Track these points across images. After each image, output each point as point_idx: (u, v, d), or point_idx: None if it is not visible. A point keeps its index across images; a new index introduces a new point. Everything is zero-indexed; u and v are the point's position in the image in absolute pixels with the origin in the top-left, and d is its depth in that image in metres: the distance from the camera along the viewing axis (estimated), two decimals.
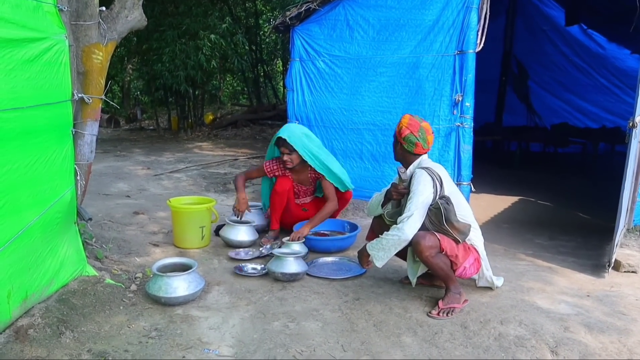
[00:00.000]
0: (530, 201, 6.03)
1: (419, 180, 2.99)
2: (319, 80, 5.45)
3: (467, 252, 3.02)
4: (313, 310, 3.02)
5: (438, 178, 3.01)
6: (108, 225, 4.64)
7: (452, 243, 2.95)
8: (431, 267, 2.98)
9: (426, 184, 2.97)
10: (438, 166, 3.15)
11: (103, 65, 3.26)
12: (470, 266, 3.03)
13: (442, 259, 2.93)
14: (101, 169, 7.82)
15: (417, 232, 2.94)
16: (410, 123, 3.11)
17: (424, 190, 2.96)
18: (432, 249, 2.89)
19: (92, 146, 3.34)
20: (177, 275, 3.08)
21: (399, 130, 3.12)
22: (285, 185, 4.24)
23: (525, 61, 10.20)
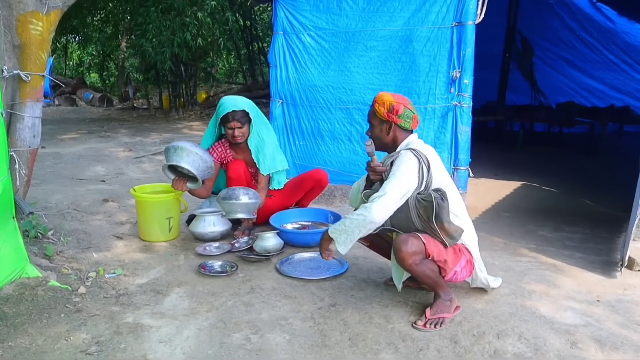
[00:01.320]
0: (533, 187, 5.61)
1: (401, 160, 2.58)
2: (304, 56, 5.00)
3: (458, 255, 2.61)
4: (281, 319, 2.64)
5: (425, 161, 2.59)
6: (72, 215, 4.25)
7: (440, 246, 2.54)
8: (416, 276, 2.59)
9: (410, 166, 2.56)
10: (428, 148, 2.73)
11: (44, 38, 2.83)
12: (462, 269, 2.63)
13: (428, 266, 2.53)
14: (80, 151, 7.43)
15: (398, 237, 2.53)
16: (397, 98, 2.71)
17: (406, 173, 2.54)
18: (416, 255, 2.48)
19: (34, 130, 2.93)
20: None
21: (389, 108, 2.67)
22: (239, 168, 3.85)
23: (530, 37, 9.66)
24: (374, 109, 2.74)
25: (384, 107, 2.69)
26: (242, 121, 3.78)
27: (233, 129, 3.78)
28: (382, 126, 2.75)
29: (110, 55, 18.40)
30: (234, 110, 3.75)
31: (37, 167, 6.11)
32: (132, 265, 3.29)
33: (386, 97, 2.71)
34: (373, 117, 2.77)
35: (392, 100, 2.69)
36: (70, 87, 16.49)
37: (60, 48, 20.62)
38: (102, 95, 15.52)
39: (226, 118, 3.77)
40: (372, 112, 2.77)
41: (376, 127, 2.78)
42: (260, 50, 16.20)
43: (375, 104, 2.73)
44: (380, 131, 2.76)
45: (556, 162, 7.03)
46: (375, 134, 2.79)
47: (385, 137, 2.76)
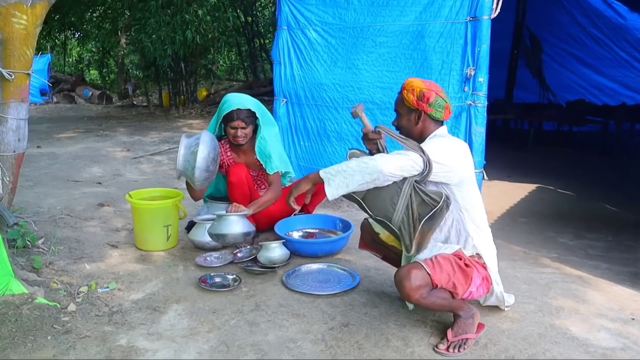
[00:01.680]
0: (548, 189, 5.37)
1: (436, 139, 2.40)
2: (309, 52, 4.75)
3: (468, 275, 2.33)
4: (289, 342, 2.41)
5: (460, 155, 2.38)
6: (65, 221, 4.02)
7: (446, 270, 2.27)
8: (428, 308, 2.37)
9: (445, 146, 2.35)
10: (460, 142, 2.50)
11: (29, 32, 2.59)
12: (477, 288, 2.37)
13: (438, 295, 2.28)
14: (77, 151, 7.18)
15: (399, 271, 2.28)
16: (428, 85, 2.45)
17: (437, 149, 2.31)
18: (422, 288, 2.22)
19: (19, 133, 2.69)
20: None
21: (419, 96, 2.40)
22: (240, 172, 3.56)
23: (539, 33, 9.41)
24: (402, 96, 2.48)
25: (413, 94, 2.42)
26: (247, 121, 3.50)
27: (236, 128, 3.49)
28: (410, 115, 2.47)
29: (110, 52, 18.12)
30: (239, 109, 3.46)
31: (32, 169, 5.90)
32: (127, 278, 3.05)
33: (416, 83, 2.45)
34: (400, 105, 2.51)
35: (422, 87, 2.43)
36: (69, 84, 16.25)
37: (59, 45, 20.38)
38: (102, 93, 15.29)
39: (230, 116, 3.48)
40: (400, 99, 2.51)
41: (404, 117, 2.50)
42: (262, 47, 15.96)
43: (404, 90, 2.47)
44: (408, 121, 2.49)
45: (569, 163, 6.80)
46: (402, 125, 2.52)
47: (413, 127, 2.49)
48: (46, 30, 15.83)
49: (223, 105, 3.53)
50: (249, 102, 3.55)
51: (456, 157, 2.35)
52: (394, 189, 2.27)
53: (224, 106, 3.51)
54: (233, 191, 3.54)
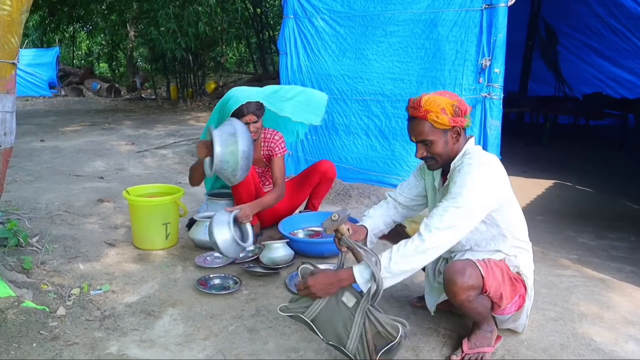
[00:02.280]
0: (566, 186, 5.15)
1: (474, 175, 1.98)
2: (317, 42, 4.57)
3: (515, 289, 2.14)
4: (291, 351, 2.24)
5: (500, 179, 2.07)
6: (62, 217, 3.87)
7: (497, 277, 2.06)
8: (465, 312, 2.13)
9: (485, 184, 1.99)
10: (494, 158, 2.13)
11: (13, 19, 2.42)
12: (512, 305, 2.18)
13: (482, 302, 2.08)
14: (81, 144, 7.05)
15: (452, 265, 2.06)
16: (452, 97, 2.08)
17: (482, 186, 1.98)
18: (472, 290, 2.01)
19: (5, 126, 2.52)
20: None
21: (453, 112, 2.04)
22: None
23: (555, 24, 9.15)
24: (430, 122, 2.05)
25: (446, 114, 2.02)
26: (258, 114, 3.28)
27: (248, 123, 3.25)
28: (446, 137, 2.08)
29: (119, 44, 18.03)
30: (249, 103, 3.23)
31: (34, 163, 5.77)
32: (122, 279, 2.90)
33: (439, 99, 2.04)
34: (431, 132, 2.07)
35: (452, 101, 2.05)
36: (78, 77, 16.18)
37: (68, 37, 20.32)
38: (110, 86, 15.19)
39: (240, 112, 3.22)
40: (428, 126, 2.06)
41: (438, 142, 2.08)
42: (271, 39, 15.77)
43: (430, 114, 2.03)
44: (445, 144, 2.09)
45: (587, 158, 6.55)
46: (439, 152, 2.10)
47: (452, 148, 2.11)
48: (55, 23, 15.78)
49: (229, 100, 3.30)
50: (255, 93, 3.35)
51: (493, 189, 2.02)
52: (347, 315, 1.94)
53: (231, 101, 3.27)
54: (238, 190, 3.36)
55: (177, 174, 5.62)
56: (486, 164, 2.04)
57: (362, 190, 4.48)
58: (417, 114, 2.07)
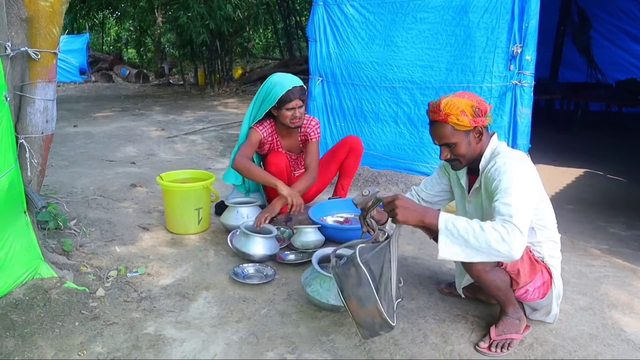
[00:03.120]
0: (597, 175, 5.08)
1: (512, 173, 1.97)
2: (346, 29, 4.57)
3: (534, 270, 2.16)
4: (322, 334, 2.29)
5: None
6: (97, 202, 3.99)
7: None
8: (484, 286, 2.15)
9: (527, 178, 1.99)
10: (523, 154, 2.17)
11: (55, 10, 2.49)
12: (534, 290, 2.19)
13: (499, 275, 2.10)
14: (112, 130, 7.20)
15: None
16: (471, 97, 2.10)
17: (527, 179, 1.99)
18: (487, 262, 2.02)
19: (47, 114, 2.61)
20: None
21: (474, 113, 2.06)
22: (280, 163, 3.42)
23: (588, 8, 8.93)
24: (451, 125, 2.08)
25: (466, 115, 2.05)
26: (303, 99, 3.26)
27: (294, 109, 3.25)
28: (469, 139, 2.12)
29: (147, 30, 18.21)
30: (294, 87, 3.22)
31: (68, 148, 5.93)
32: (157, 263, 2.99)
33: (458, 102, 2.07)
34: (453, 135, 2.10)
35: (471, 102, 2.07)
36: (108, 63, 16.43)
37: (98, 24, 20.58)
38: (138, 72, 15.39)
39: (287, 98, 3.21)
40: (449, 129, 2.09)
41: (461, 143, 2.12)
42: (298, 24, 15.74)
43: (450, 117, 2.06)
44: (469, 145, 2.13)
45: (619, 146, 6.44)
46: (462, 153, 2.14)
47: (475, 148, 2.15)
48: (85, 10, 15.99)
49: (273, 87, 3.27)
50: (296, 80, 3.32)
51: (532, 189, 2.00)
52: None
53: (275, 89, 3.26)
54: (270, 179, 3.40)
55: (206, 159, 5.71)
56: (521, 161, 2.05)
57: (390, 178, 4.49)
58: (437, 118, 2.10)
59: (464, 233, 1.82)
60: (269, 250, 2.99)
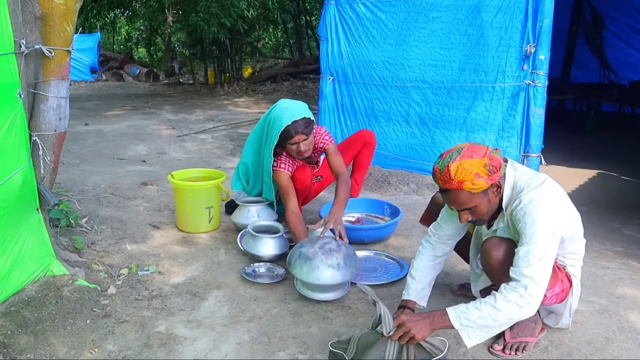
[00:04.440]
0: (611, 176, 5.03)
1: (533, 218, 1.91)
2: (358, 28, 4.55)
3: (556, 278, 2.11)
4: (333, 335, 2.28)
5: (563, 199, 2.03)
6: (108, 200, 3.99)
7: None
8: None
9: (547, 224, 1.91)
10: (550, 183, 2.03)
11: (69, 7, 2.50)
12: (552, 296, 2.15)
13: None
14: (123, 128, 7.23)
15: (489, 240, 2.07)
16: (480, 153, 1.94)
17: (552, 217, 1.92)
18: (509, 263, 1.98)
19: (60, 112, 2.62)
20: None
21: (488, 172, 1.92)
22: (307, 180, 3.33)
23: (601, 7, 8.86)
24: (469, 190, 1.93)
25: (481, 178, 1.91)
26: (307, 132, 3.05)
27: (297, 143, 3.06)
28: (488, 197, 1.99)
29: (157, 30, 18.27)
30: (295, 122, 3.00)
31: (79, 146, 5.95)
32: (168, 261, 2.99)
33: (471, 166, 1.90)
34: (471, 199, 1.97)
35: (483, 162, 1.91)
36: (118, 62, 16.50)
37: (109, 23, 20.69)
38: (149, 71, 15.43)
39: (287, 134, 3.01)
40: (466, 196, 1.95)
41: (481, 205, 1.99)
42: (308, 24, 15.74)
43: (464, 184, 1.91)
44: (489, 203, 2.01)
45: (633, 148, 6.38)
46: (485, 212, 2.03)
47: (495, 203, 2.04)
48: (96, 9, 16.08)
49: (273, 123, 3.09)
50: (299, 109, 3.11)
51: (561, 215, 1.97)
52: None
53: (274, 124, 3.08)
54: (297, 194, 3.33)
55: (216, 158, 5.72)
56: (546, 192, 1.96)
57: (401, 178, 4.47)
58: (450, 187, 1.95)
59: (481, 322, 1.86)
60: (278, 250, 2.98)
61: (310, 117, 3.08)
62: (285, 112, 3.07)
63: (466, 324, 1.87)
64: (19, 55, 2.25)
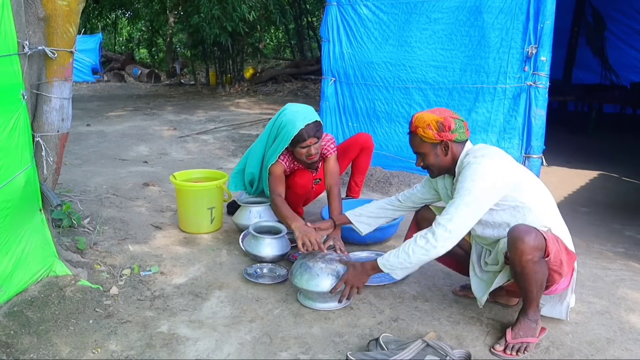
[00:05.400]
0: (612, 177, 5.04)
1: (466, 174, 2.19)
2: (359, 29, 4.55)
3: (572, 259, 2.19)
4: (335, 336, 2.28)
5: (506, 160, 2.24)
6: (110, 200, 4.00)
7: (556, 243, 2.08)
8: (525, 278, 2.07)
9: (479, 178, 2.14)
10: (494, 149, 2.32)
11: (72, 9, 2.51)
12: (565, 279, 2.19)
13: (542, 268, 2.06)
14: (125, 129, 7.24)
15: (518, 226, 2.07)
16: (439, 113, 2.30)
17: (474, 189, 2.13)
18: (537, 251, 2.02)
19: (63, 113, 2.63)
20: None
21: (437, 127, 2.26)
22: (308, 185, 3.34)
23: (603, 9, 8.86)
24: (419, 136, 2.31)
25: (431, 129, 2.27)
26: (318, 135, 3.07)
27: (309, 146, 3.06)
28: (436, 150, 2.32)
29: (158, 31, 18.30)
30: (307, 125, 3.01)
31: (81, 147, 5.97)
32: (170, 262, 2.99)
33: (426, 117, 2.28)
34: (420, 145, 2.33)
35: (436, 118, 2.27)
36: (120, 63, 16.53)
37: (110, 24, 20.72)
38: (150, 71, 15.45)
39: (299, 137, 3.02)
40: (418, 140, 2.33)
41: (429, 155, 2.33)
42: (309, 25, 15.75)
43: (418, 129, 2.29)
44: (436, 156, 2.33)
45: (634, 149, 6.38)
46: (431, 162, 2.35)
47: (443, 160, 2.34)
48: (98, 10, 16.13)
49: (285, 127, 3.09)
50: (309, 113, 3.12)
51: (495, 176, 2.16)
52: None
53: (287, 128, 3.07)
54: (297, 199, 3.38)
55: (218, 159, 5.73)
56: (484, 157, 2.20)
57: (403, 179, 4.48)
58: (410, 129, 2.35)
59: (400, 265, 2.25)
60: (280, 250, 2.98)
61: (320, 121, 3.11)
62: (297, 115, 3.07)
63: (389, 267, 2.29)
64: (22, 57, 2.26)
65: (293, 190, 3.30)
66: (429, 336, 2.19)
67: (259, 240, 2.96)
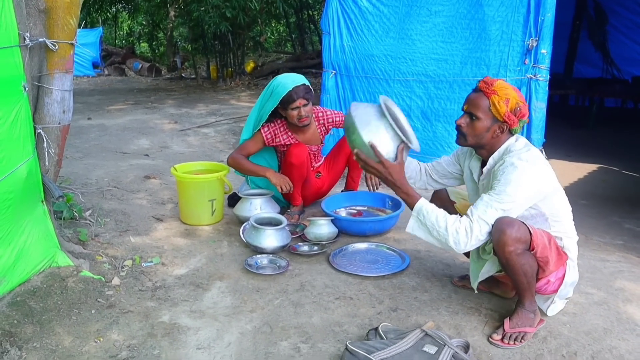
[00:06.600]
0: (612, 170, 5.04)
1: (510, 177, 2.06)
2: (360, 22, 4.55)
3: (561, 260, 2.18)
4: (335, 325, 2.30)
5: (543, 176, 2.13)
6: (112, 193, 4.02)
7: (545, 239, 2.08)
8: (511, 269, 2.09)
9: (523, 186, 2.05)
10: (536, 152, 2.18)
11: (72, 1, 2.51)
12: (556, 281, 2.20)
13: (529, 260, 2.07)
14: (126, 122, 7.25)
15: (501, 218, 2.05)
16: (521, 96, 2.15)
17: (526, 189, 2.06)
18: (520, 243, 2.02)
19: (64, 105, 2.64)
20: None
21: (514, 109, 2.10)
22: (302, 155, 3.38)
23: (604, 2, 8.83)
24: (491, 101, 2.11)
25: (507, 105, 2.09)
26: (308, 97, 3.25)
27: (299, 107, 3.24)
28: (493, 125, 2.14)
29: (159, 24, 18.26)
30: (296, 87, 3.21)
31: (82, 140, 5.98)
32: (171, 253, 3.01)
33: (510, 90, 2.11)
34: (482, 109, 2.13)
35: (518, 99, 2.11)
36: (120, 57, 16.50)
37: (111, 18, 20.67)
38: (151, 65, 15.42)
39: (289, 98, 3.21)
40: (484, 103, 2.12)
41: (482, 123, 2.14)
42: (310, 18, 15.71)
43: (493, 95, 2.10)
44: (486, 130, 2.15)
45: (634, 143, 6.37)
46: (476, 131, 2.17)
47: (488, 137, 2.18)
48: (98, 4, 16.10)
49: (276, 88, 3.29)
50: (300, 78, 3.32)
51: (534, 187, 2.09)
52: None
53: (278, 89, 3.26)
54: (292, 172, 3.41)
55: (219, 152, 5.74)
56: (529, 162, 2.08)
57: None
58: (483, 88, 2.14)
59: (429, 226, 2.12)
60: (281, 242, 3.00)
61: (310, 86, 3.29)
62: (287, 78, 3.29)
63: (421, 217, 2.14)
64: (24, 49, 2.27)
65: (288, 160, 3.38)
66: (428, 326, 2.21)
67: (260, 232, 2.98)
